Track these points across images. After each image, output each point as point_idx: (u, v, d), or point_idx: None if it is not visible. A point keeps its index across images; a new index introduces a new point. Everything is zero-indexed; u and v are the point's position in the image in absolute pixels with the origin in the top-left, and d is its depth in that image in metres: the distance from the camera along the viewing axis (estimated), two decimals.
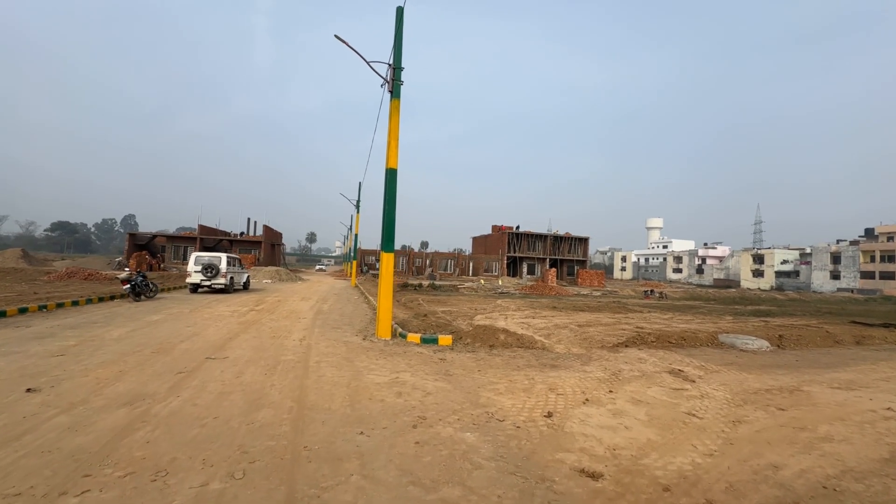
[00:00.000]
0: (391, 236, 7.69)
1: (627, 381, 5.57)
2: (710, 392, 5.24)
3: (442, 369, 5.77)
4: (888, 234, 56.47)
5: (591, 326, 13.69)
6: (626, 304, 24.37)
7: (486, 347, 7.51)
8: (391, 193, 7.72)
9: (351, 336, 7.89)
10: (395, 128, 7.72)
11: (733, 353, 8.06)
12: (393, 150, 7.72)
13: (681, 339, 8.93)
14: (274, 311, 11.28)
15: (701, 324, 15.97)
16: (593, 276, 46.71)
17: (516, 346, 7.72)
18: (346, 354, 6.33)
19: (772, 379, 6.13)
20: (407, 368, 5.68)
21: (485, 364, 6.22)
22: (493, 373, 5.72)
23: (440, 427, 3.65)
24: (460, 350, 7.15)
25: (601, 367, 6.38)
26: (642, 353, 7.59)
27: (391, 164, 7.72)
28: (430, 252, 50.87)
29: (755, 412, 4.54)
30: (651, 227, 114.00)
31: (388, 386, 4.79)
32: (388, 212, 7.69)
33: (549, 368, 6.11)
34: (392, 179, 7.73)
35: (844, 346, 9.81)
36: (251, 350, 6.38)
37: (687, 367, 6.68)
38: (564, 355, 7.13)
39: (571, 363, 6.56)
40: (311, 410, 3.89)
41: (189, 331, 7.78)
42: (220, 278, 15.81)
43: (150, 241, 40.59)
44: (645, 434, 3.76)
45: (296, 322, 9.47)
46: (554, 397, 4.72)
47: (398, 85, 7.79)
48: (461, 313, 16.14)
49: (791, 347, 9.13)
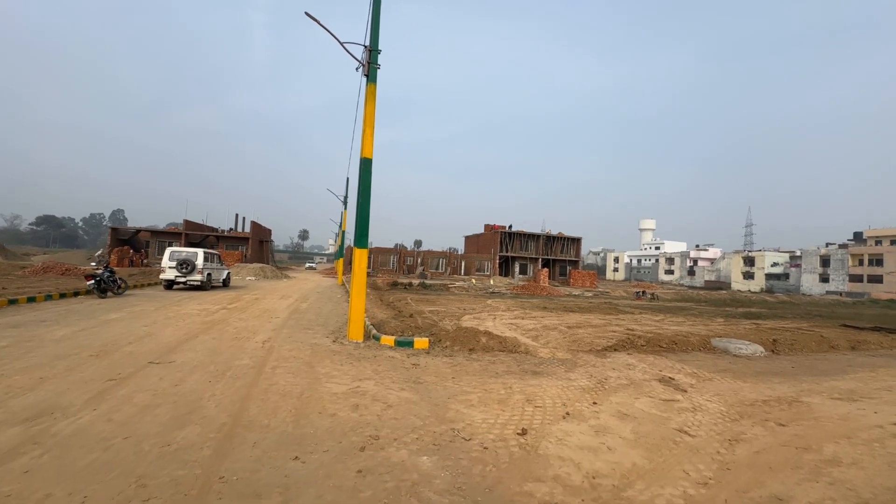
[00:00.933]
0: (364, 231, 7.15)
1: (614, 391, 5.09)
2: (703, 404, 4.79)
3: (412, 376, 5.25)
4: (876, 237, 57.05)
5: (581, 328, 13.27)
6: (617, 305, 24.05)
7: (465, 351, 7.01)
8: (365, 185, 7.17)
9: (321, 338, 7.34)
10: (370, 114, 7.18)
11: (727, 359, 7.65)
12: (368, 138, 7.18)
13: (672, 343, 8.51)
14: (246, 310, 10.67)
15: (692, 326, 15.64)
16: (585, 276, 46.47)
17: (498, 349, 7.23)
18: (308, 359, 5.78)
19: (768, 388, 5.71)
20: (372, 375, 5.15)
21: (461, 370, 5.72)
22: (469, 380, 5.22)
23: (393, 449, 3.13)
24: (437, 354, 6.63)
25: (587, 374, 5.90)
26: (631, 359, 7.14)
27: (366, 153, 7.17)
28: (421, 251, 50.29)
29: (753, 428, 4.08)
30: (644, 229, 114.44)
31: (346, 397, 4.26)
32: (361, 204, 7.14)
33: (529, 375, 5.62)
34: (366, 170, 7.18)
35: (840, 351, 9.47)
36: (204, 353, 5.80)
37: (678, 374, 6.24)
38: (548, 360, 6.65)
39: (555, 369, 6.08)
40: (245, 428, 3.35)
41: (144, 331, 7.17)
42: (196, 275, 15.12)
43: (133, 235, 39.50)
44: (630, 457, 3.28)
45: (266, 322, 8.88)
46: (531, 410, 4.22)
47: (374, 68, 7.24)
48: (449, 313, 15.63)
49: (786, 352, 8.76)
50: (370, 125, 7.17)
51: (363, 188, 7.16)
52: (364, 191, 7.16)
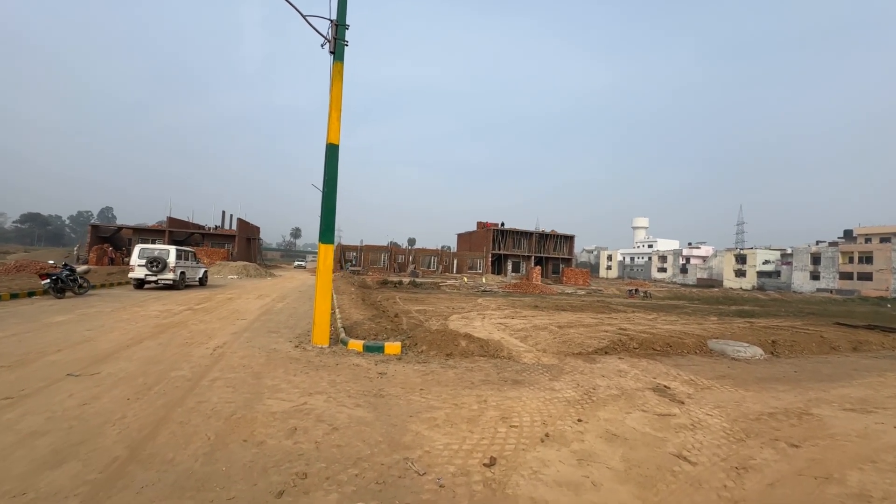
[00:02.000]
0: (330, 225, 6.47)
1: (602, 404, 4.49)
2: (703, 419, 4.20)
3: (374, 388, 4.60)
4: (866, 235, 57.41)
5: (573, 327, 12.72)
6: (610, 303, 23.58)
7: (441, 356, 6.38)
8: (331, 173, 6.48)
9: (283, 343, 6.66)
10: (337, 96, 6.49)
11: (725, 363, 7.10)
12: (335, 121, 6.49)
13: (666, 345, 7.94)
14: (213, 311, 9.94)
15: (686, 325, 15.18)
16: (578, 274, 46.09)
17: (478, 354, 6.61)
18: (259, 368, 5.11)
19: (773, 398, 5.15)
20: (327, 388, 4.49)
21: (432, 380, 5.08)
22: (439, 393, 4.58)
23: (321, 493, 2.48)
24: (409, 360, 5.99)
25: (573, 382, 5.30)
26: (623, 364, 6.55)
27: (332, 138, 6.49)
28: (412, 249, 49.52)
29: (762, 451, 3.50)
30: (637, 227, 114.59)
31: (285, 417, 3.60)
32: (326, 195, 6.46)
33: (509, 386, 5.00)
34: (332, 157, 6.49)
35: (841, 352, 8.99)
36: (140, 362, 5.10)
37: (674, 381, 5.66)
38: (532, 367, 6.04)
39: (538, 377, 5.47)
40: (141, 464, 2.68)
41: (84, 335, 6.44)
42: (168, 273, 14.31)
43: (114, 233, 38.30)
44: (619, 496, 2.66)
45: (229, 324, 8.17)
46: (505, 431, 3.60)
47: (341, 45, 6.55)
48: (437, 313, 15.00)
49: (786, 355, 8.24)
50: (337, 108, 6.49)
51: (329, 177, 6.47)
52: (330, 180, 6.47)
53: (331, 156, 6.48)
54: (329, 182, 6.46)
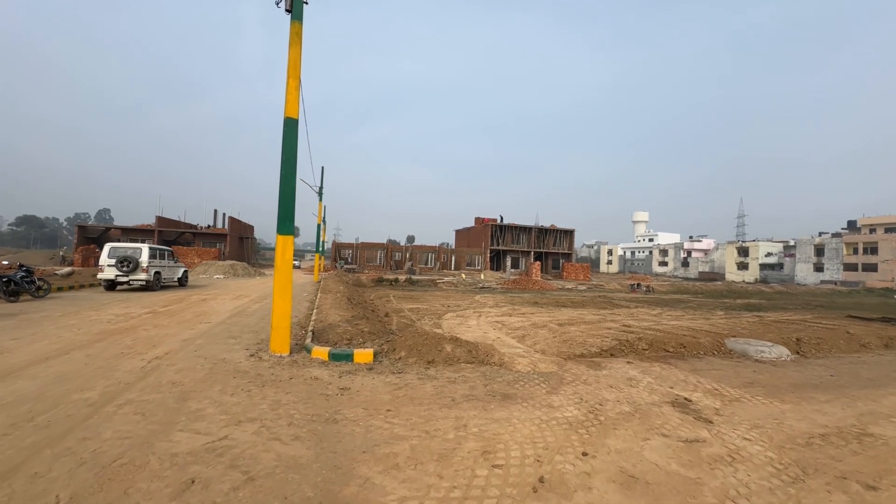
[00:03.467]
0: (288, 212, 5.53)
1: (612, 427, 3.58)
2: (741, 446, 3.29)
3: (328, 411, 3.69)
4: (870, 225, 56.39)
5: (573, 325, 11.83)
6: (612, 298, 22.70)
7: (421, 364, 5.46)
8: (289, 153, 5.53)
9: (237, 351, 5.73)
10: (295, 61, 5.54)
11: (749, 367, 6.19)
12: (293, 91, 5.54)
13: (679, 346, 7.02)
14: (177, 314, 9.01)
15: (692, 320, 14.27)
16: (579, 269, 45.19)
17: (465, 360, 5.70)
18: (191, 386, 4.18)
19: (817, 412, 4.24)
20: (266, 413, 3.57)
21: (404, 396, 4.17)
22: (409, 415, 3.67)
23: None
24: (381, 371, 5.07)
25: (575, 396, 4.39)
26: (633, 370, 5.64)
27: (290, 111, 5.54)
28: (410, 245, 48.55)
29: (832, 497, 2.59)
30: (637, 221, 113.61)
31: (188, 462, 2.68)
32: (285, 178, 5.51)
33: (497, 402, 4.09)
34: (291, 133, 5.54)
35: (872, 350, 8.08)
36: (46, 380, 4.18)
37: (695, 391, 4.75)
38: (526, 376, 5.12)
39: (533, 390, 4.56)
40: None
41: (2, 346, 5.52)
42: (140, 273, 13.37)
43: (102, 234, 37.31)
44: None
45: (186, 329, 7.25)
46: (485, 475, 2.68)
47: (300, 2, 5.59)
48: (431, 311, 14.10)
49: (813, 354, 7.34)
50: (295, 76, 5.54)
51: (287, 157, 5.52)
52: (288, 161, 5.52)
53: (289, 132, 5.53)
54: (287, 163, 5.51)
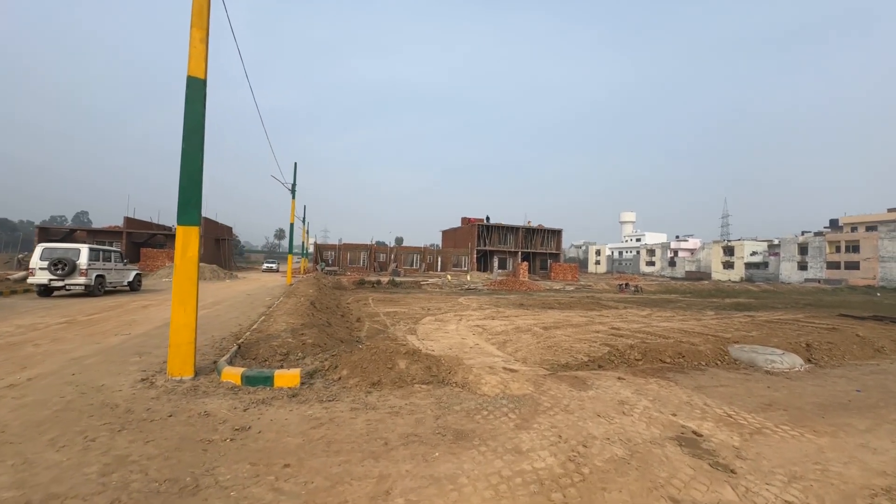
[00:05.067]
0: (192, 196, 4.35)
1: (601, 485, 2.52)
2: None
3: (196, 469, 2.54)
4: (852, 224, 57.15)
5: (559, 328, 10.86)
6: (600, 299, 21.91)
7: (364, 387, 4.34)
8: (194, 122, 4.36)
9: (129, 374, 4.52)
10: (201, 8, 4.38)
11: (761, 381, 5.22)
12: (198, 45, 4.38)
13: (678, 356, 6.02)
14: (96, 325, 7.71)
15: (683, 321, 13.47)
16: (567, 269, 44.53)
17: (421, 380, 4.60)
18: (19, 430, 2.98)
19: (864, 447, 3.26)
20: (93, 479, 2.41)
21: (320, 440, 3.05)
22: (314, 472, 2.56)
23: None
24: (306, 398, 3.93)
25: (552, 432, 3.32)
26: (625, 389, 4.61)
27: (194, 69, 4.37)
28: (394, 246, 47.26)
29: None
30: (625, 221, 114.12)
31: None
32: (187, 152, 4.34)
33: (445, 447, 3.00)
34: (196, 97, 4.37)
35: (888, 355, 7.23)
36: None
37: (704, 420, 3.73)
38: (493, 401, 4.04)
39: (498, 423, 3.48)
40: None
41: None
42: (78, 277, 11.93)
43: (66, 235, 35.20)
44: None
45: (88, 345, 5.99)
46: None
47: None
48: (408, 315, 13.00)
49: (827, 362, 6.43)
50: (200, 25, 4.38)
51: (190, 127, 4.34)
52: (192, 132, 4.35)
53: (193, 96, 4.37)
54: (191, 135, 4.34)
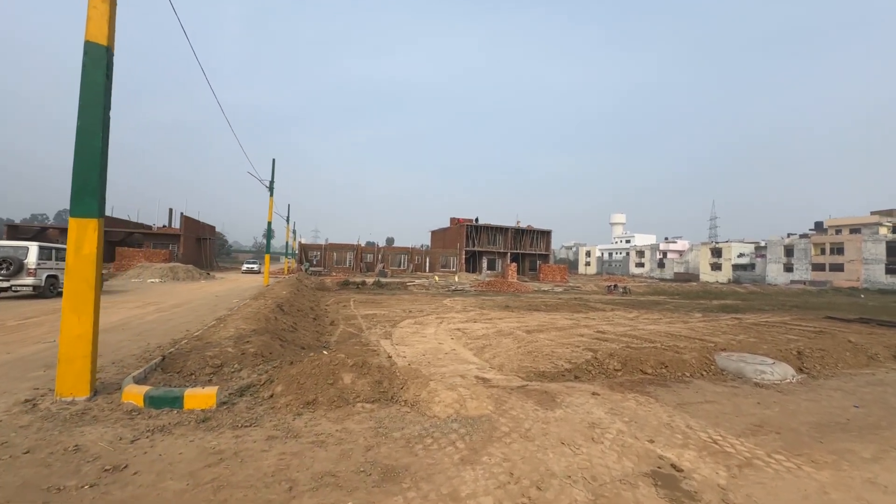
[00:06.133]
0: (89, 182, 3.67)
1: None
2: None
3: None
4: (836, 226, 57.95)
5: (543, 332, 10.30)
6: (587, 301, 21.49)
7: (296, 407, 3.71)
8: (92, 95, 3.68)
9: (16, 393, 3.82)
10: None
11: (750, 395, 4.70)
12: (99, 5, 3.70)
13: (660, 366, 5.47)
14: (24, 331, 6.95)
15: (670, 324, 13.05)
16: (556, 270, 44.20)
17: (366, 398, 3.98)
18: None
19: (872, 484, 2.73)
20: None
21: (210, 486, 2.41)
22: None
23: None
24: (219, 422, 3.29)
25: (503, 469, 2.73)
26: (598, 407, 4.04)
27: (94, 34, 3.70)
28: (381, 247, 46.46)
29: None
30: (615, 223, 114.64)
31: None
32: (84, 131, 3.66)
33: (365, 493, 2.38)
34: (96, 65, 3.69)
35: (882, 363, 6.81)
36: None
37: (686, 448, 3.18)
38: (442, 425, 3.44)
39: (441, 456, 2.88)
40: None
41: None
42: (26, 277, 11.06)
43: (37, 234, 33.79)
44: None
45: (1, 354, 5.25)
46: None
47: None
48: (387, 318, 12.35)
49: (820, 372, 5.96)
50: None
51: (87, 101, 3.66)
52: (89, 106, 3.66)
53: (92, 65, 3.69)
54: (88, 109, 3.66)
